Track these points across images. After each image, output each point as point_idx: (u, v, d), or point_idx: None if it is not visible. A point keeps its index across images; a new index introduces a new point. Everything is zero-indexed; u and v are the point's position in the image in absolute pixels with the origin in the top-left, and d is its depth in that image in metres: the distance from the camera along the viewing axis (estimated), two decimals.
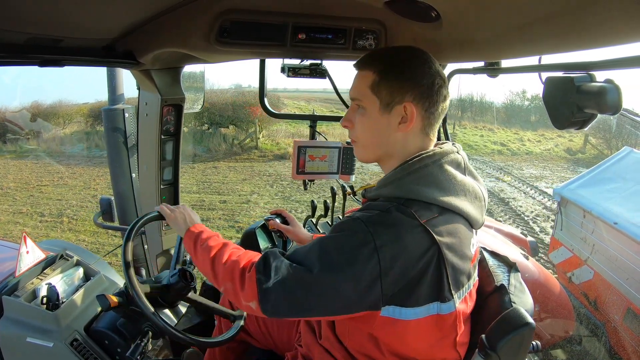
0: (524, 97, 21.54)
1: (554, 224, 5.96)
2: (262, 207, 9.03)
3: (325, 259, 1.09)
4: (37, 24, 1.30)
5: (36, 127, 14.58)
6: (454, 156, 1.22)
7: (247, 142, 14.85)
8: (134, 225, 1.52)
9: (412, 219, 1.08)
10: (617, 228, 4.49)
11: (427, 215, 1.10)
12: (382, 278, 1.04)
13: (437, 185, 1.15)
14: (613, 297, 4.48)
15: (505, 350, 1.08)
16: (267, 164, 13.20)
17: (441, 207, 1.13)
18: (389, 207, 1.11)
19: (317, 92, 21.34)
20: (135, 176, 2.97)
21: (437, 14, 1.22)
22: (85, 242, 7.02)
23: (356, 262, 1.05)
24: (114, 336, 1.75)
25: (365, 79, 1.22)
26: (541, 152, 16.66)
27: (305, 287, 1.10)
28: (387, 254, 1.04)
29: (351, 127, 1.29)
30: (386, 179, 1.22)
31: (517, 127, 19.39)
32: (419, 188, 1.14)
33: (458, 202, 1.15)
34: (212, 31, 1.56)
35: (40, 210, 8.72)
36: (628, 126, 11.14)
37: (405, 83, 1.18)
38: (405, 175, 1.17)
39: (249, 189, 10.48)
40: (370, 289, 1.05)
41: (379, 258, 1.04)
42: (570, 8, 0.85)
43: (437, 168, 1.18)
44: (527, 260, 4.14)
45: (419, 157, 1.19)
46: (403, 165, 1.19)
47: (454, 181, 1.18)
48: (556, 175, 13.12)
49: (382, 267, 1.04)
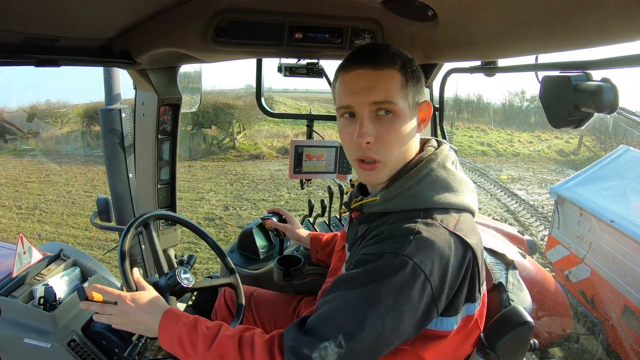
0: (523, 97, 21.55)
1: (551, 222, 5.97)
2: (212, 204, 9.37)
3: (379, 313, 0.96)
4: (34, 23, 1.29)
5: (34, 127, 14.84)
6: (449, 154, 1.20)
7: (225, 142, 15.12)
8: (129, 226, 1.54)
9: (443, 230, 1.03)
10: (614, 226, 4.51)
11: (452, 221, 1.06)
12: (436, 302, 1.00)
13: (448, 188, 1.11)
14: (610, 294, 4.50)
15: (504, 349, 1.08)
16: (240, 163, 13.52)
17: (457, 209, 1.11)
18: (416, 228, 1.02)
19: (323, 92, 21.40)
20: (132, 176, 2.97)
21: (434, 13, 1.22)
22: (47, 231, 7.77)
23: (411, 302, 0.97)
24: (111, 336, 1.75)
25: (392, 78, 1.08)
26: (529, 153, 16.62)
27: (369, 352, 0.99)
28: (436, 278, 0.99)
29: (373, 143, 1.09)
30: (392, 189, 1.11)
31: (514, 128, 19.38)
32: (433, 195, 1.08)
33: (466, 200, 1.13)
34: (209, 31, 1.56)
35: (19, 203, 9.46)
36: (624, 125, 11.16)
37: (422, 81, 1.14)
38: (415, 183, 1.10)
39: (209, 187, 10.84)
40: (428, 315, 1.01)
41: (431, 285, 0.98)
42: (567, 7, 0.85)
43: (442, 170, 1.14)
44: (524, 259, 4.15)
45: (421, 161, 1.13)
46: (408, 173, 1.11)
47: (458, 179, 1.15)
48: (537, 177, 13.16)
49: (434, 293, 0.99)
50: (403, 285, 0.96)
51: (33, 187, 10.66)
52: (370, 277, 0.98)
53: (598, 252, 4.78)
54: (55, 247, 2.18)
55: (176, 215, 1.82)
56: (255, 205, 9.28)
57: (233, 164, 13.45)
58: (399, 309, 0.96)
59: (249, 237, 2.40)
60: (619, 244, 4.46)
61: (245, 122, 16.02)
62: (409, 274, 0.96)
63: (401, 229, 1.03)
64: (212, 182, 11.27)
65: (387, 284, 0.96)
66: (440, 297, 1.00)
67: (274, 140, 15.33)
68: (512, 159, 15.92)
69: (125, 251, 1.47)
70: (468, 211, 1.14)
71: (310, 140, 2.29)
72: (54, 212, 8.81)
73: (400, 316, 0.96)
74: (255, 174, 12.14)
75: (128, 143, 2.93)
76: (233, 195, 10.07)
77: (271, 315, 1.80)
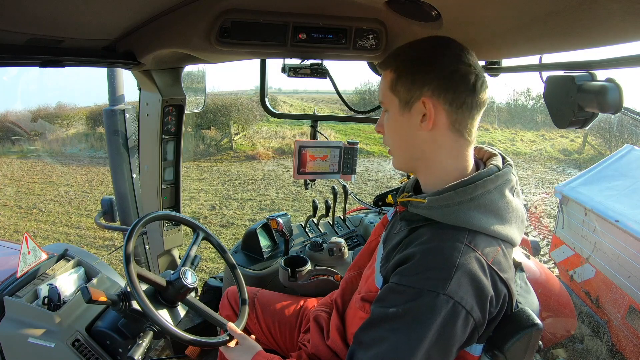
0: (529, 96, 21.37)
1: (555, 222, 5.95)
2: (200, 204, 9.45)
3: (426, 354, 0.97)
4: (38, 24, 1.30)
5: (40, 129, 15.04)
6: (511, 178, 1.14)
7: (223, 142, 15.21)
8: (135, 223, 1.54)
9: (483, 264, 1.01)
10: (619, 226, 4.48)
11: (492, 253, 1.04)
12: (478, 331, 1.02)
13: (498, 215, 1.07)
14: (615, 295, 4.47)
15: (513, 351, 1.08)
16: (236, 164, 13.57)
17: (501, 240, 1.07)
18: (458, 261, 0.99)
19: (330, 93, 21.44)
20: (136, 176, 2.98)
21: (438, 13, 1.21)
22: (41, 229, 7.99)
23: (454, 335, 0.98)
24: (116, 336, 1.75)
25: (385, 79, 1.15)
26: (531, 152, 16.48)
27: None
28: (478, 311, 0.99)
29: (383, 133, 1.21)
30: (441, 199, 1.07)
31: (518, 127, 19.28)
32: (481, 218, 1.04)
33: (512, 233, 1.09)
34: (213, 31, 1.56)
35: (20, 203, 9.64)
36: (629, 125, 11.11)
37: (421, 76, 1.07)
38: (467, 200, 1.05)
39: (200, 187, 10.90)
40: (468, 342, 1.04)
41: (474, 319, 0.99)
42: (571, 7, 0.85)
43: (499, 194, 1.08)
44: (529, 260, 4.14)
45: (481, 179, 1.07)
46: (463, 188, 1.06)
47: (511, 209, 1.10)
48: (535, 177, 13.05)
49: (477, 324, 1.00)
50: (446, 324, 0.97)
51: (35, 188, 10.84)
52: (413, 318, 0.99)
53: (603, 252, 4.76)
54: (60, 247, 2.20)
55: (180, 216, 1.82)
56: (241, 205, 9.33)
57: (229, 164, 13.53)
58: (445, 344, 0.98)
59: (253, 237, 2.41)
60: (623, 243, 4.43)
61: (243, 122, 16.14)
62: (451, 311, 0.96)
63: (443, 255, 1.01)
64: (205, 183, 11.36)
65: (431, 324, 0.96)
66: (482, 326, 1.02)
67: (272, 141, 15.39)
68: (513, 158, 15.76)
69: (129, 253, 1.48)
70: (510, 243, 1.10)
71: (314, 140, 2.30)
72: (51, 212, 9.01)
73: (446, 349, 0.99)
74: (249, 174, 12.21)
75: (132, 144, 2.95)
76: (222, 195, 10.15)
77: (275, 316, 1.80)
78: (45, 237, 7.55)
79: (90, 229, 7.79)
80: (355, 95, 20.80)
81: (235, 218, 8.38)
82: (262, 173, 12.28)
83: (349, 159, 2.18)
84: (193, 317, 2.26)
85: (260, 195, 10.09)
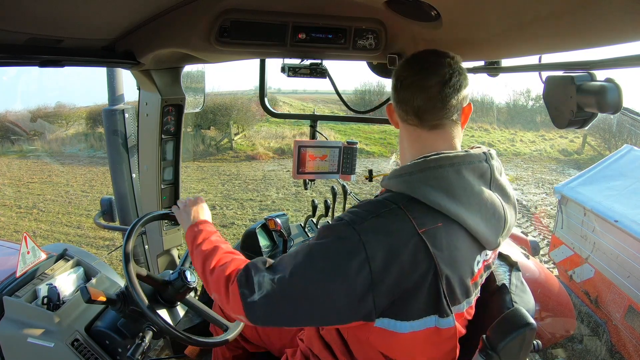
0: (529, 96, 21.33)
1: (555, 222, 5.95)
2: None
3: (313, 269, 1.04)
4: (38, 24, 1.30)
5: (40, 128, 15.04)
6: (478, 164, 1.13)
7: (223, 142, 15.22)
8: (136, 222, 1.54)
9: (410, 228, 1.02)
10: (618, 226, 4.49)
11: (429, 224, 1.03)
12: (373, 290, 1.00)
13: (448, 191, 1.06)
14: (614, 295, 4.48)
15: (506, 350, 1.08)
16: (235, 164, 13.63)
17: (446, 216, 1.05)
18: (385, 211, 1.04)
19: (329, 93, 21.45)
20: (136, 176, 2.98)
21: (437, 13, 1.21)
22: (41, 229, 8.12)
23: (346, 273, 1.00)
24: (115, 336, 1.75)
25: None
26: (531, 153, 16.48)
27: (293, 300, 1.06)
28: (379, 265, 0.99)
29: None
30: (398, 170, 1.14)
31: (518, 128, 19.26)
32: (426, 188, 1.05)
33: (467, 216, 1.07)
34: (212, 31, 1.56)
35: (20, 203, 9.73)
36: (628, 125, 11.11)
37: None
38: (417, 171, 1.09)
39: (200, 187, 11.01)
40: (362, 300, 1.01)
41: (371, 269, 0.99)
42: (570, 7, 0.85)
43: (454, 173, 1.08)
44: (528, 260, 4.15)
45: (437, 155, 1.11)
46: (418, 161, 1.12)
47: (470, 191, 1.09)
48: (535, 177, 13.09)
49: (373, 279, 0.99)
50: (343, 256, 1.01)
51: (34, 187, 10.87)
52: (322, 235, 1.08)
53: (602, 252, 4.76)
54: (59, 247, 2.19)
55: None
56: (242, 205, 9.35)
57: (229, 164, 13.56)
58: (331, 276, 1.02)
59: (253, 237, 2.41)
60: (623, 243, 4.44)
61: (243, 123, 16.14)
62: (351, 245, 1.01)
63: (373, 205, 1.08)
64: (205, 183, 11.39)
65: (330, 246, 1.04)
66: (380, 288, 1.01)
67: (272, 141, 15.39)
68: (513, 158, 15.84)
69: (129, 252, 1.48)
70: (464, 227, 1.08)
71: (313, 140, 2.29)
72: (50, 211, 9.06)
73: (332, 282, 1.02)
74: (249, 174, 12.24)
75: (131, 143, 2.95)
76: (222, 195, 10.17)
77: None
78: (45, 237, 7.55)
79: (90, 228, 7.79)
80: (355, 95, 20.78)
81: (236, 218, 8.40)
82: (262, 173, 12.30)
83: (348, 159, 2.18)
84: (192, 317, 2.26)
85: (260, 195, 10.11)
